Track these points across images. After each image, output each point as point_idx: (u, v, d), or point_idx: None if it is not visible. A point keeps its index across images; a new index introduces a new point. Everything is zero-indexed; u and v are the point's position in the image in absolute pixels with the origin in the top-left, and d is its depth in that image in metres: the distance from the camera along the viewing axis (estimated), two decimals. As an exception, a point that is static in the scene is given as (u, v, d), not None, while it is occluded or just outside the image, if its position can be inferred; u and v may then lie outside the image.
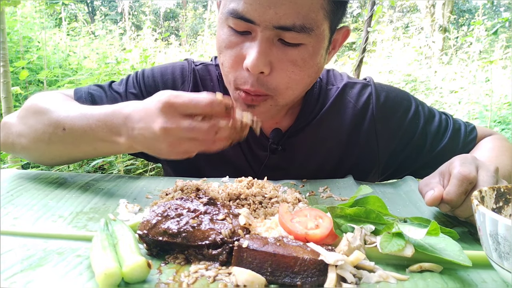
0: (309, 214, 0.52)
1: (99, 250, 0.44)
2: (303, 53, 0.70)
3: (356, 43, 4.75)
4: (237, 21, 0.68)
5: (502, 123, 3.84)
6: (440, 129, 0.93)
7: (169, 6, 13.13)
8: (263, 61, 0.68)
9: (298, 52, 0.70)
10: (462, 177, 0.57)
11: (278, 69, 0.71)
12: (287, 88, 0.73)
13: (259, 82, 0.71)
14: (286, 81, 0.72)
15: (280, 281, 0.42)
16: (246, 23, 0.68)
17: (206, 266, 0.45)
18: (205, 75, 0.92)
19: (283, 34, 0.68)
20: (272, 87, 0.72)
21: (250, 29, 0.69)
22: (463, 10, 10.59)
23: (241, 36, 0.71)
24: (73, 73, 4.15)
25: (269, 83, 0.72)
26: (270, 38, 0.69)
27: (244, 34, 0.70)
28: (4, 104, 2.22)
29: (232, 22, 0.70)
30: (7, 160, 2.32)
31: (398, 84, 5.56)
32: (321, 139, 0.90)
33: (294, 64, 0.71)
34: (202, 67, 0.93)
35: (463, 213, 0.58)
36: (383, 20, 7.50)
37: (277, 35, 0.69)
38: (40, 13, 4.99)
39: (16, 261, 0.45)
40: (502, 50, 5.52)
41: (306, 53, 0.71)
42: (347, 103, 0.91)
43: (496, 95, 4.31)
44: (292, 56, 0.70)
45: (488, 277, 0.45)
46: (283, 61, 0.70)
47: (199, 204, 0.52)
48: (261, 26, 0.67)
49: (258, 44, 0.68)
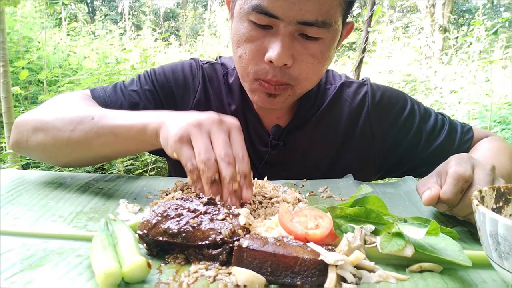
0: (309, 214, 0.52)
1: (99, 250, 0.44)
2: (321, 47, 0.75)
3: (356, 43, 4.76)
4: (260, 16, 0.71)
5: (502, 123, 3.84)
6: (435, 127, 0.94)
7: (169, 6, 13.13)
8: (286, 55, 0.72)
9: (317, 45, 0.75)
10: (457, 176, 0.57)
11: (299, 61, 0.75)
12: (306, 78, 0.78)
13: (281, 72, 0.75)
14: (306, 72, 0.77)
15: (280, 281, 0.42)
16: (269, 18, 0.71)
17: (206, 266, 0.45)
18: (212, 73, 0.95)
19: (305, 29, 0.72)
20: (293, 77, 0.77)
21: (273, 23, 0.72)
22: (463, 10, 10.58)
23: (263, 30, 0.74)
24: (73, 73, 4.15)
25: (291, 73, 0.76)
26: (292, 32, 0.73)
27: (266, 28, 0.73)
28: (4, 104, 2.22)
29: (254, 17, 0.72)
30: (7, 160, 2.32)
31: (398, 84, 5.56)
32: (318, 136, 0.92)
33: (313, 56, 0.75)
34: (209, 66, 0.96)
35: (460, 211, 0.59)
36: (383, 20, 7.49)
37: (298, 30, 0.73)
38: (40, 13, 4.99)
39: (16, 261, 0.45)
40: (502, 50, 5.52)
41: (324, 46, 0.76)
42: (343, 101, 0.95)
43: (496, 95, 4.31)
44: (311, 49, 0.75)
45: (488, 277, 0.45)
46: (304, 54, 0.75)
47: (199, 204, 0.52)
48: (285, 21, 0.71)
49: (282, 39, 0.72)
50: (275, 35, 0.73)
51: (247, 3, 0.72)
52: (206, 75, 0.94)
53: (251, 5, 0.71)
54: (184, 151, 0.58)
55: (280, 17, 0.70)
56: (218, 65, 0.97)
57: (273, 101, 0.80)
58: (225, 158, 0.57)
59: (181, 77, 0.94)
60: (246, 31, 0.74)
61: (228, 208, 0.52)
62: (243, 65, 0.78)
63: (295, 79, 0.77)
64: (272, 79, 0.76)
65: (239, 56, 0.78)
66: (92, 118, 0.70)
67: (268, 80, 0.76)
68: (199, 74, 0.94)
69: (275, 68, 0.75)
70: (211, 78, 0.95)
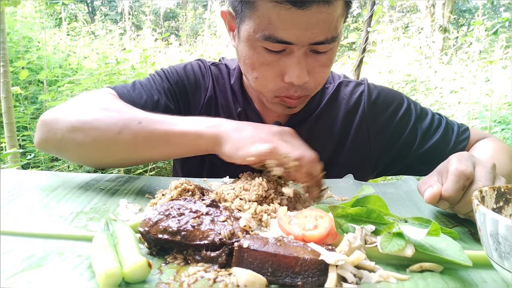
0: (309, 215, 0.52)
1: (99, 250, 0.44)
2: (330, 55, 0.79)
3: (356, 43, 4.75)
4: (274, 44, 0.74)
5: (502, 123, 3.84)
6: (431, 126, 0.95)
7: (169, 6, 13.13)
8: (305, 74, 0.77)
9: (327, 56, 0.79)
10: (459, 173, 0.57)
11: (313, 73, 0.79)
12: (320, 84, 0.84)
13: (300, 88, 0.80)
14: (320, 80, 0.82)
15: (281, 281, 0.42)
16: (283, 44, 0.74)
17: (205, 268, 0.45)
18: (218, 73, 0.99)
19: (316, 47, 0.75)
20: (309, 88, 0.81)
21: (286, 47, 0.75)
22: (463, 10, 10.58)
23: (277, 54, 0.76)
24: (73, 73, 4.15)
25: (308, 87, 0.80)
26: (305, 52, 0.76)
27: (280, 52, 0.76)
28: (4, 104, 2.22)
29: (268, 45, 0.75)
30: (7, 160, 2.32)
31: (398, 84, 5.56)
32: (316, 134, 0.94)
33: (324, 66, 0.80)
34: (214, 67, 1.00)
35: (461, 209, 0.59)
36: (383, 20, 7.50)
37: (310, 48, 0.76)
38: (40, 13, 4.99)
39: (16, 261, 0.45)
40: (502, 50, 5.52)
41: (332, 54, 0.80)
42: (341, 100, 0.97)
43: (496, 95, 4.31)
44: (322, 61, 0.79)
45: (489, 277, 0.45)
46: (316, 66, 0.79)
47: (201, 205, 0.52)
48: (299, 45, 0.74)
49: (298, 61, 0.75)
50: (290, 57, 0.76)
51: (257, 32, 0.74)
52: (213, 75, 0.97)
53: (264, 36, 0.73)
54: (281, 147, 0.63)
55: (294, 42, 0.73)
56: (222, 65, 1.00)
57: (293, 110, 0.87)
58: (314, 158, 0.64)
59: (192, 75, 0.96)
60: (260, 56, 0.77)
61: (230, 211, 0.52)
62: (262, 85, 0.81)
63: (311, 89, 0.82)
64: (294, 94, 0.80)
65: (255, 78, 0.80)
66: (140, 122, 0.70)
67: (290, 96, 0.81)
68: (208, 73, 0.97)
69: (296, 86, 0.79)
70: (217, 78, 0.98)
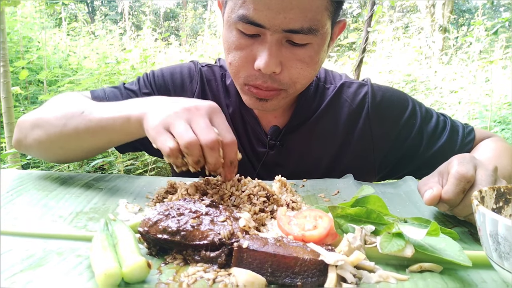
0: (309, 216, 0.52)
1: (99, 250, 0.44)
2: (310, 51, 0.75)
3: (356, 43, 4.76)
4: (247, 25, 0.72)
5: (502, 123, 3.84)
6: (437, 129, 0.93)
7: (169, 6, 13.12)
8: (274, 62, 0.73)
9: (305, 51, 0.75)
10: (459, 175, 0.57)
11: (287, 67, 0.75)
12: (296, 82, 0.79)
13: (271, 79, 0.76)
14: (296, 76, 0.77)
15: (281, 281, 0.42)
16: (256, 27, 0.71)
17: (204, 268, 0.45)
18: (210, 75, 0.97)
19: (291, 36, 0.72)
20: (283, 82, 0.77)
21: (260, 32, 0.73)
22: (463, 10, 10.58)
23: (251, 39, 0.74)
24: (73, 73, 4.15)
25: (281, 79, 0.77)
26: (279, 40, 0.73)
27: (253, 36, 0.74)
28: (4, 104, 2.22)
29: (241, 26, 0.73)
30: (7, 160, 2.32)
31: (398, 84, 5.56)
32: (317, 137, 0.92)
33: (302, 61, 0.76)
34: (207, 68, 0.98)
35: (461, 211, 0.59)
36: (383, 20, 7.49)
37: (285, 37, 0.73)
38: (40, 13, 4.99)
39: (16, 261, 0.45)
40: (502, 50, 5.51)
41: (313, 51, 0.75)
42: (343, 102, 0.94)
43: (496, 95, 4.31)
44: (300, 55, 0.75)
45: (488, 277, 0.45)
46: (292, 60, 0.75)
47: (201, 205, 0.52)
48: (271, 30, 0.71)
49: (269, 47, 0.72)
50: (262, 43, 0.73)
51: (233, 13, 0.73)
52: (204, 77, 0.95)
53: (237, 15, 0.72)
54: (162, 137, 0.59)
55: (266, 26, 0.71)
56: (216, 67, 0.98)
57: (265, 105, 0.81)
58: (209, 143, 0.57)
59: (179, 79, 0.95)
60: (235, 39, 0.76)
61: (230, 211, 0.52)
62: (234, 71, 0.79)
63: (285, 84, 0.78)
64: (262, 84, 0.77)
65: (229, 63, 0.79)
66: (82, 112, 0.73)
67: (258, 86, 0.77)
68: (197, 76, 0.95)
69: (265, 75, 0.76)
70: (209, 81, 0.96)
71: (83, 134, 0.73)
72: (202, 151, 0.58)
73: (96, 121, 0.71)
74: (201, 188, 0.64)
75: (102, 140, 0.74)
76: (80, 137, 0.74)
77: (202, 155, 0.58)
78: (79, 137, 0.74)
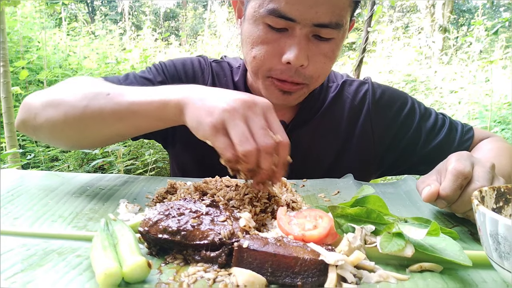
0: (309, 215, 0.52)
1: (99, 250, 0.44)
2: (333, 46, 0.79)
3: (356, 43, 4.75)
4: (277, 19, 0.74)
5: (502, 123, 3.84)
6: (435, 126, 0.95)
7: (169, 6, 13.12)
8: (304, 56, 0.75)
9: (329, 45, 0.78)
10: (457, 172, 0.57)
11: (313, 61, 0.78)
12: (319, 76, 0.82)
13: (296, 73, 0.78)
14: (320, 71, 0.81)
15: (281, 281, 0.42)
16: (286, 21, 0.73)
17: (204, 268, 0.45)
18: (219, 70, 0.98)
19: (319, 30, 0.75)
20: (307, 76, 0.80)
21: (289, 26, 0.75)
22: (463, 10, 10.58)
23: (278, 33, 0.76)
24: (73, 73, 4.15)
25: (306, 73, 0.79)
26: (308, 34, 0.75)
27: (281, 31, 0.76)
28: (4, 104, 2.22)
29: (270, 20, 0.75)
30: (7, 160, 2.32)
31: (398, 84, 5.55)
32: (321, 133, 0.94)
33: (326, 56, 0.79)
34: (216, 64, 0.99)
35: (459, 208, 0.59)
36: (383, 20, 7.49)
37: (313, 31, 0.75)
38: (40, 13, 4.99)
39: (16, 261, 0.45)
40: (502, 50, 5.51)
41: (335, 45, 0.79)
42: (345, 99, 0.97)
43: (496, 95, 4.31)
44: (324, 49, 0.78)
45: (488, 277, 0.45)
46: (317, 54, 0.78)
47: (201, 205, 0.52)
48: (301, 23, 0.73)
49: (298, 41, 0.75)
50: (291, 37, 0.75)
51: (262, 7, 0.74)
52: (214, 71, 0.97)
53: (268, 9, 0.73)
54: (220, 140, 0.55)
55: (297, 20, 0.73)
56: (225, 63, 0.99)
57: (288, 98, 0.83)
58: (267, 149, 0.54)
59: (191, 70, 0.96)
60: (262, 34, 0.77)
61: (230, 211, 0.52)
62: (257, 65, 0.80)
63: (309, 78, 0.80)
64: (288, 79, 0.79)
65: (253, 57, 0.80)
66: (108, 94, 0.67)
67: (284, 79, 0.79)
68: (208, 69, 0.96)
69: (291, 69, 0.78)
70: (218, 75, 0.97)
71: (109, 118, 0.66)
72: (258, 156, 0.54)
73: (127, 105, 0.65)
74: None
75: (129, 125, 0.68)
76: (105, 122, 0.67)
77: (257, 161, 0.54)
78: (104, 121, 0.67)
